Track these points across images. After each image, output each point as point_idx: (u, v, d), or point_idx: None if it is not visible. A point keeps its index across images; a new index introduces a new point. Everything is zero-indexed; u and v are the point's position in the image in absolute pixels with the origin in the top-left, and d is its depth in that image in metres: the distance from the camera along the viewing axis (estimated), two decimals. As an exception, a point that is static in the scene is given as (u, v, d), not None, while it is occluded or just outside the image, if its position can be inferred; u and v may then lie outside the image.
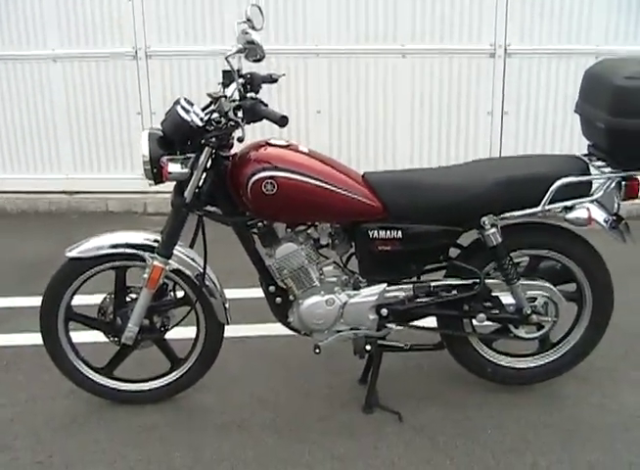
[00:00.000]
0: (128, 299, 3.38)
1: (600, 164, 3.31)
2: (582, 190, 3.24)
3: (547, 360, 3.57)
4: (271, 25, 6.34)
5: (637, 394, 3.58)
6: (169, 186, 3.20)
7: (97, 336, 3.50)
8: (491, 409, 3.46)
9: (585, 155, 3.40)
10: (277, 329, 3.59)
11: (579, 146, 3.48)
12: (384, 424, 3.35)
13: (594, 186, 3.28)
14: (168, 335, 3.49)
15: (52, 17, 6.57)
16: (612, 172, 3.24)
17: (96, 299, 3.43)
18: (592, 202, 3.25)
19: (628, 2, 6.14)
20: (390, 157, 6.64)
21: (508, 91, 6.42)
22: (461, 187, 3.19)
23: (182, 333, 3.51)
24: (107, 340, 3.44)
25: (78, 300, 3.42)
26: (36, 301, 3.37)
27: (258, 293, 3.44)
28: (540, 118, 6.47)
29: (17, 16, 6.59)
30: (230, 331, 3.57)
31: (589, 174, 3.27)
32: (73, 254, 3.25)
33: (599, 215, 3.24)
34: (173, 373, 3.52)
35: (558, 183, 3.16)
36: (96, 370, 3.50)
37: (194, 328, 3.46)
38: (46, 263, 3.41)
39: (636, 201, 5.61)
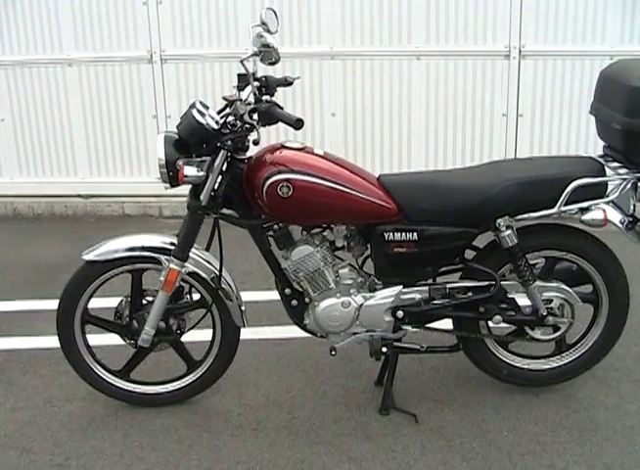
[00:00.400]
0: (145, 301, 3.40)
1: (615, 165, 3.30)
2: (598, 191, 3.24)
3: (564, 362, 3.56)
4: (286, 28, 6.35)
5: (655, 395, 3.57)
6: (185, 189, 3.21)
7: (114, 339, 3.51)
8: (508, 411, 3.45)
9: (601, 156, 3.39)
10: (293, 331, 3.59)
11: (595, 147, 3.48)
12: (400, 426, 3.36)
13: (610, 187, 3.27)
14: (185, 337, 3.50)
15: (67, 21, 6.59)
16: (627, 173, 3.23)
17: (113, 302, 3.45)
18: (608, 203, 3.24)
19: (643, 2, 6.12)
20: (406, 159, 6.63)
21: (523, 93, 6.39)
22: (476, 189, 3.19)
23: (199, 335, 3.53)
24: (123, 342, 3.46)
25: (95, 303, 3.43)
26: (53, 304, 3.39)
27: (275, 295, 3.44)
28: (555, 120, 6.44)
29: (32, 21, 6.62)
30: (247, 333, 3.59)
31: (604, 175, 3.26)
32: (90, 257, 3.27)
33: (615, 216, 3.23)
34: (190, 375, 3.53)
35: (573, 185, 3.16)
36: (113, 373, 3.51)
37: (210, 331, 3.47)
38: (62, 267, 3.44)
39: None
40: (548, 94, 6.38)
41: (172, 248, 3.26)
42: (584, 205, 3.22)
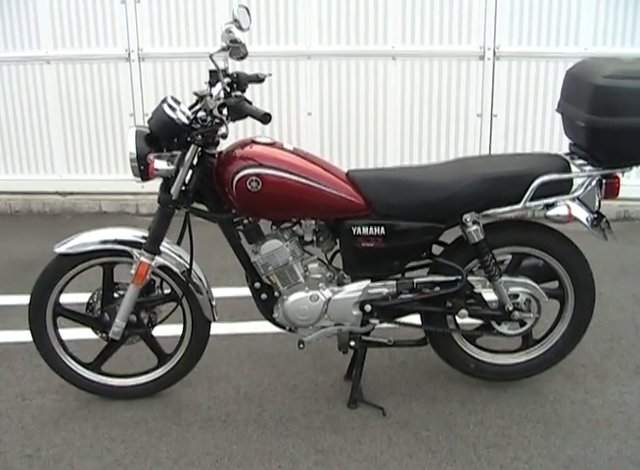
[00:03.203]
0: (116, 295, 3.42)
1: (581, 162, 3.35)
2: (563, 188, 3.28)
3: (530, 357, 3.60)
4: (263, 27, 6.39)
5: (621, 390, 3.61)
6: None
7: (85, 333, 3.54)
8: (474, 405, 3.50)
9: (567, 153, 3.44)
10: (265, 327, 3.62)
11: (567, 148, 3.52)
12: (368, 419, 3.39)
13: (575, 184, 3.32)
14: (156, 331, 3.53)
15: (45, 19, 6.60)
16: (592, 171, 3.28)
17: (85, 297, 3.47)
18: (573, 199, 3.29)
19: (616, 5, 6.18)
20: (381, 158, 6.68)
21: (497, 93, 6.46)
22: (443, 184, 3.23)
23: (170, 330, 3.56)
24: (95, 336, 3.48)
25: (67, 297, 3.46)
26: (27, 298, 3.41)
27: (247, 291, 3.47)
28: (529, 120, 6.51)
29: (10, 18, 6.62)
30: (219, 328, 3.62)
31: (570, 172, 3.30)
32: (62, 249, 3.29)
33: (580, 213, 3.28)
34: (160, 369, 3.55)
35: (538, 181, 3.20)
36: (84, 365, 3.53)
37: (181, 325, 3.50)
38: (38, 262, 3.44)
39: (625, 202, 5.72)
40: (522, 95, 6.45)
41: (143, 241, 3.28)
42: (550, 201, 3.27)
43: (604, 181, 3.28)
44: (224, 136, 3.12)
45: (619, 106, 3.06)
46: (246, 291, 3.50)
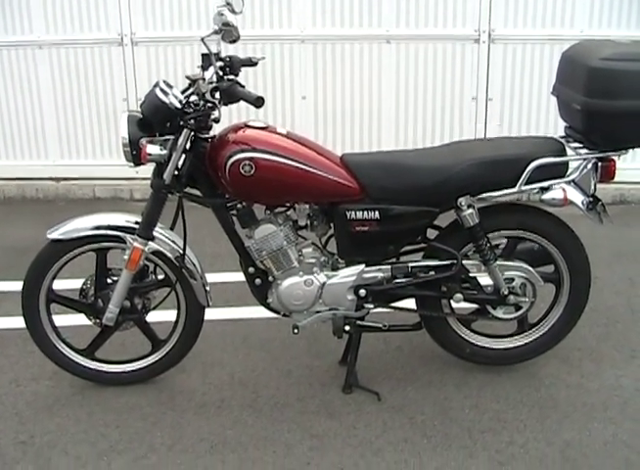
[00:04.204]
0: (109, 281, 3.40)
1: (576, 145, 3.32)
2: (558, 171, 3.26)
3: (526, 341, 3.60)
4: (257, 11, 6.35)
5: (617, 374, 3.61)
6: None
7: (79, 319, 3.53)
8: (469, 389, 3.49)
9: (562, 137, 3.42)
10: (259, 312, 3.62)
11: (562, 131, 3.50)
12: (363, 404, 3.39)
13: (571, 167, 3.30)
14: (150, 317, 3.51)
15: (38, 3, 6.54)
16: (588, 154, 3.26)
17: (77, 283, 3.46)
18: (568, 183, 3.27)
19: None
20: (376, 142, 6.65)
21: (492, 77, 6.42)
22: (437, 168, 3.21)
23: (164, 316, 3.55)
24: (89, 322, 3.47)
25: (60, 284, 3.45)
26: (20, 285, 3.39)
27: (241, 277, 3.46)
28: (525, 104, 6.48)
29: (2, 3, 6.56)
30: (212, 314, 3.61)
31: (565, 155, 3.29)
32: (55, 235, 3.27)
33: (575, 196, 3.26)
34: (154, 354, 3.54)
35: (533, 164, 3.18)
36: (78, 352, 3.52)
37: (175, 311, 3.49)
38: (31, 249, 3.42)
39: (621, 186, 5.71)
40: (517, 78, 6.42)
41: (137, 227, 3.26)
42: (545, 184, 3.25)
43: (599, 164, 3.27)
44: (217, 120, 3.11)
45: (616, 88, 3.04)
46: (239, 276, 3.48)
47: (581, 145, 3.31)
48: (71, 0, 6.53)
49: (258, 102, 2.93)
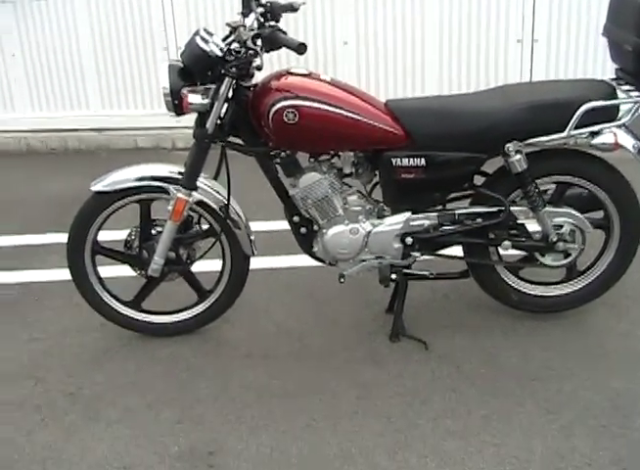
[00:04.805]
0: (154, 232, 3.40)
1: (628, 88, 3.25)
2: (609, 115, 3.18)
3: (574, 288, 3.56)
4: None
5: (666, 322, 3.56)
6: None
7: (125, 270, 3.53)
8: (517, 337, 3.47)
9: (613, 79, 3.34)
10: (304, 261, 3.60)
11: (612, 72, 3.41)
12: (410, 352, 3.38)
13: (621, 111, 3.21)
14: (195, 267, 3.52)
15: (75, -48, 6.50)
16: (639, 96, 3.18)
17: (122, 234, 3.48)
18: (619, 127, 3.19)
19: None
20: (419, 86, 6.54)
21: (538, 17, 6.26)
22: (484, 113, 3.16)
23: (209, 266, 3.55)
24: (134, 273, 3.48)
25: (105, 236, 3.46)
26: (65, 237, 3.40)
27: (287, 225, 3.45)
28: (572, 45, 6.31)
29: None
30: (257, 263, 3.62)
31: (616, 98, 3.20)
32: (98, 187, 3.27)
33: (626, 140, 3.18)
34: (200, 305, 3.55)
35: (583, 108, 3.11)
36: (124, 303, 3.54)
37: (220, 261, 3.49)
38: (75, 201, 3.43)
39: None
40: (564, 19, 6.23)
41: (180, 177, 3.25)
42: (595, 128, 3.18)
43: (653, 107, 3.18)
44: (259, 68, 3.06)
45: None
46: (284, 224, 3.47)
47: (633, 87, 3.23)
48: (110, -52, 6.47)
49: (301, 48, 2.87)
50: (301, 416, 2.99)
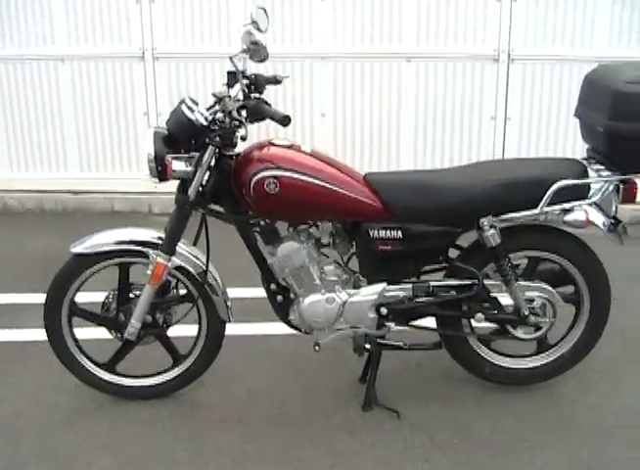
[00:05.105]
0: (131, 295, 3.42)
1: (598, 167, 3.36)
2: (581, 193, 3.28)
3: (545, 361, 3.61)
4: (277, 28, 6.38)
5: (636, 395, 3.62)
6: (175, 186, 3.24)
7: (100, 333, 3.54)
8: (489, 408, 3.50)
9: (584, 158, 3.45)
10: (279, 329, 3.64)
11: (582, 151, 3.52)
12: (382, 422, 3.40)
13: (592, 189, 3.31)
14: (171, 332, 3.54)
15: (60, 17, 6.60)
16: (610, 176, 3.29)
17: (99, 296, 3.49)
18: (590, 204, 3.29)
19: (631, 8, 6.17)
20: (395, 160, 6.67)
21: (511, 96, 6.45)
22: (460, 188, 3.24)
23: (185, 330, 3.57)
24: (110, 336, 3.49)
25: (82, 297, 3.47)
26: (41, 297, 3.42)
27: (263, 292, 3.48)
28: (543, 124, 6.50)
29: (25, 15, 6.62)
30: (233, 329, 3.63)
31: (587, 177, 3.31)
32: (78, 249, 3.29)
33: (597, 218, 3.28)
34: (176, 369, 3.56)
35: (556, 185, 3.20)
36: (99, 365, 3.54)
37: (196, 326, 3.51)
38: (51, 262, 3.45)
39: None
40: (536, 98, 6.45)
41: (160, 242, 3.29)
42: (567, 206, 3.27)
43: (621, 186, 3.28)
44: (244, 138, 3.11)
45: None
46: (260, 292, 3.50)
47: (603, 167, 3.34)
48: (94, 15, 6.59)
49: (285, 120, 2.96)
50: (276, 483, 3.00)
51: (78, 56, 6.69)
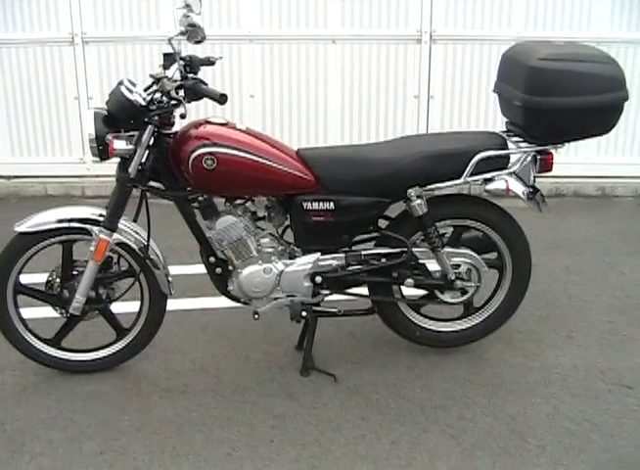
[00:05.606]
0: (75, 272, 3.50)
1: (517, 139, 3.56)
2: (501, 163, 3.48)
3: (471, 324, 3.81)
4: (205, 11, 6.41)
5: (556, 354, 3.84)
6: (107, 170, 3.32)
7: (45, 311, 3.64)
8: (421, 370, 3.68)
9: (504, 131, 3.64)
10: (216, 302, 3.79)
11: (502, 125, 3.72)
12: (320, 385, 3.55)
13: (512, 160, 3.51)
14: (115, 308, 3.64)
15: (-12, 3, 6.58)
16: (527, 147, 3.49)
17: (42, 278, 3.57)
18: (510, 174, 3.49)
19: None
20: (322, 139, 6.83)
21: (434, 76, 6.67)
22: (388, 161, 3.41)
23: (127, 307, 3.68)
24: (55, 313, 3.57)
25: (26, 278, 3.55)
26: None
27: (198, 269, 3.60)
28: (465, 101, 6.73)
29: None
30: (172, 304, 3.74)
31: (507, 149, 3.51)
32: (22, 228, 3.36)
33: (516, 187, 3.48)
34: (119, 343, 3.66)
35: (478, 157, 3.40)
36: (45, 341, 3.62)
37: (138, 302, 3.62)
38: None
39: (557, 180, 5.95)
40: (458, 77, 6.67)
41: (101, 219, 3.38)
42: (488, 176, 3.47)
43: (538, 157, 3.49)
44: (183, 116, 3.21)
45: (552, 86, 3.27)
46: (196, 268, 3.60)
47: (521, 139, 3.55)
48: (22, 0, 6.57)
49: (222, 99, 3.09)
50: (221, 446, 3.12)
51: (9, 41, 6.66)
